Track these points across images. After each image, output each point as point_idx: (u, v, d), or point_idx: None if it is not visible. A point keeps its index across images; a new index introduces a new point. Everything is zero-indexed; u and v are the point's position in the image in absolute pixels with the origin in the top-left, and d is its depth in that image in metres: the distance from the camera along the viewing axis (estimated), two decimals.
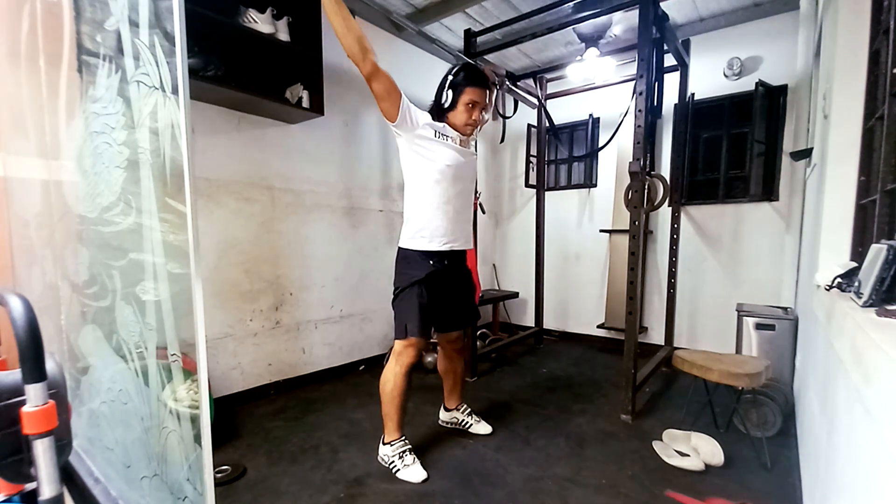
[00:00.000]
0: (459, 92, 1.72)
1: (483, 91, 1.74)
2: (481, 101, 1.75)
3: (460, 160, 1.77)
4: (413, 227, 1.78)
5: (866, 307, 0.94)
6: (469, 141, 1.85)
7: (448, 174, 1.74)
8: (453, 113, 1.74)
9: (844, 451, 0.92)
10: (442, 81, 1.77)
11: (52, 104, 1.27)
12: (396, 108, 1.62)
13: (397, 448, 1.77)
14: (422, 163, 1.73)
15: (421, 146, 1.72)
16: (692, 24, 3.22)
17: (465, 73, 1.75)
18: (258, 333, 2.54)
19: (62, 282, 1.34)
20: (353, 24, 1.49)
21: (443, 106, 1.74)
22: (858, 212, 1.53)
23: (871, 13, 1.48)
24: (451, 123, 1.77)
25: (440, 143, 1.73)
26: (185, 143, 0.72)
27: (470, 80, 1.74)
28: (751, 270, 3.15)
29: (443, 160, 1.72)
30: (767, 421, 2.04)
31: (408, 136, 1.70)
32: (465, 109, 1.73)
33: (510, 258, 4.45)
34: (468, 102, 1.72)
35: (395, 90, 1.61)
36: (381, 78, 1.56)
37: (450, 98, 1.72)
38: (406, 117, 1.65)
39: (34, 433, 0.65)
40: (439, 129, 1.74)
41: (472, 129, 1.78)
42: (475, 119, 1.75)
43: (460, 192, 1.80)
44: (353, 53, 1.51)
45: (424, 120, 1.72)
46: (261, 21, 2.20)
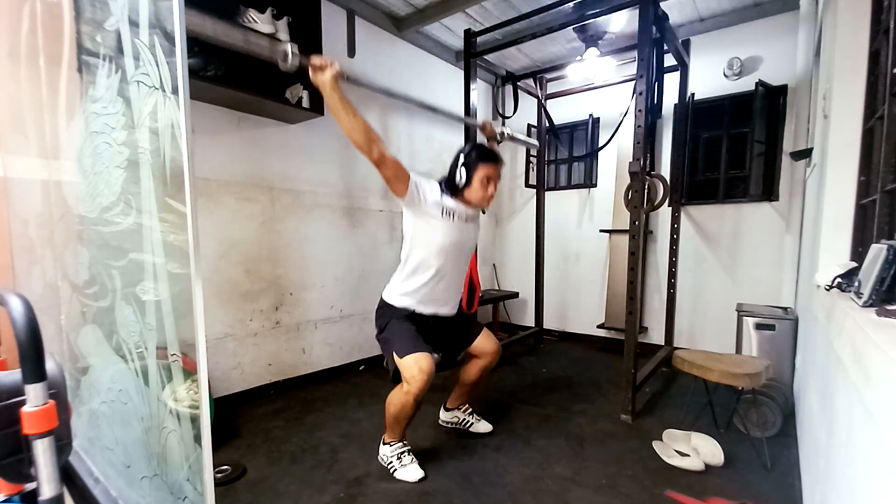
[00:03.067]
0: (473, 169, 1.76)
1: (495, 166, 1.79)
2: (495, 176, 1.79)
3: (462, 236, 1.82)
4: (403, 287, 1.81)
5: (866, 307, 0.94)
6: (476, 214, 1.89)
7: (447, 251, 1.78)
8: (469, 190, 1.77)
9: (844, 451, 0.92)
10: (454, 161, 1.81)
11: (52, 104, 1.27)
12: (405, 188, 1.67)
13: (396, 449, 1.77)
14: (424, 237, 1.77)
15: (426, 222, 1.76)
16: (692, 24, 3.22)
17: (476, 152, 1.79)
18: (258, 333, 2.54)
19: (62, 282, 1.34)
20: (360, 119, 1.53)
21: (458, 186, 1.78)
22: (858, 212, 1.53)
23: (871, 13, 1.48)
24: (467, 199, 1.80)
25: (445, 222, 1.77)
26: (185, 143, 0.72)
27: (482, 157, 1.78)
28: (751, 270, 3.15)
29: (445, 238, 1.76)
30: (767, 421, 2.04)
31: (415, 210, 1.75)
32: (480, 186, 1.77)
33: (510, 258, 4.45)
34: (483, 178, 1.76)
35: (403, 173, 1.66)
36: (388, 164, 1.61)
37: (464, 176, 1.76)
38: (414, 196, 1.70)
39: (34, 433, 0.65)
40: (448, 207, 1.77)
41: (488, 203, 1.83)
42: (492, 193, 1.80)
43: (457, 263, 1.86)
44: (360, 146, 1.55)
45: (433, 197, 1.76)
46: (261, 21, 2.20)
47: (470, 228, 1.86)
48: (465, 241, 1.85)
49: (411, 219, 1.77)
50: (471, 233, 1.87)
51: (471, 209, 1.84)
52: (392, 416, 1.73)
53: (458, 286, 1.92)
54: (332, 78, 1.45)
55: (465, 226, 1.83)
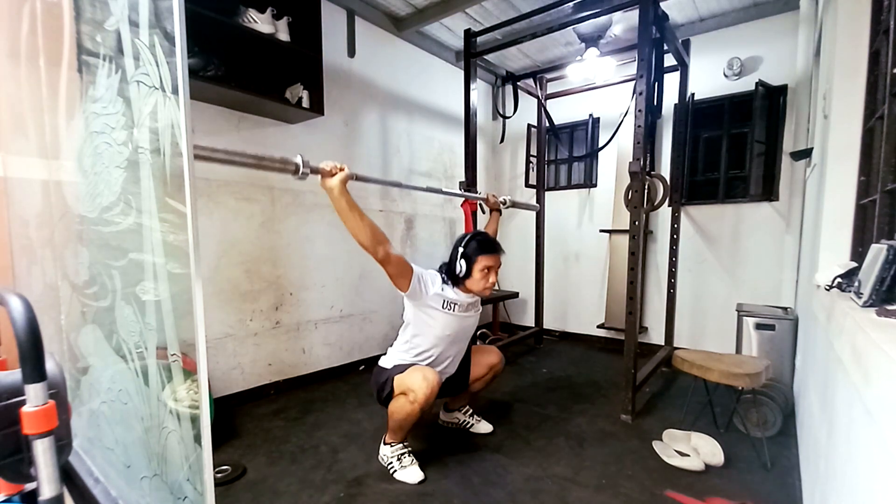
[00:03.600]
0: (472, 261, 1.78)
1: (495, 257, 1.81)
2: (495, 265, 1.81)
3: (462, 326, 1.86)
4: (403, 358, 1.82)
5: (866, 307, 0.94)
6: (476, 302, 1.92)
7: (447, 340, 1.83)
8: (470, 281, 1.80)
9: (844, 451, 0.92)
10: (454, 251, 1.83)
11: (52, 104, 1.27)
12: (408, 283, 1.71)
13: (396, 449, 1.77)
14: (424, 327, 1.81)
15: (426, 314, 1.79)
16: (692, 24, 3.22)
17: (475, 243, 1.80)
18: (258, 333, 2.54)
19: (62, 282, 1.34)
20: (367, 220, 1.55)
21: (458, 276, 1.80)
22: (858, 212, 1.53)
23: (871, 13, 1.48)
24: (467, 289, 1.83)
25: (446, 314, 1.80)
26: (185, 143, 0.72)
27: (481, 249, 1.79)
28: (751, 270, 3.15)
29: (445, 329, 1.80)
30: (767, 421, 2.04)
31: (417, 303, 1.79)
32: (481, 276, 1.79)
33: (510, 258, 4.44)
34: (483, 269, 1.78)
35: (407, 269, 1.70)
36: (393, 263, 1.64)
37: (464, 268, 1.78)
38: (417, 290, 1.74)
39: (34, 433, 0.65)
40: (449, 299, 1.81)
41: (489, 292, 1.85)
42: (492, 283, 1.82)
43: (457, 348, 1.91)
44: (366, 247, 1.58)
45: (434, 290, 1.79)
46: (261, 21, 2.20)
47: (470, 316, 1.90)
48: (466, 329, 1.90)
49: (412, 309, 1.81)
50: (471, 320, 1.92)
51: (471, 297, 1.86)
52: (396, 423, 1.73)
53: (461, 357, 1.97)
54: (340, 182, 1.48)
55: (466, 315, 1.87)
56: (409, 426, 1.74)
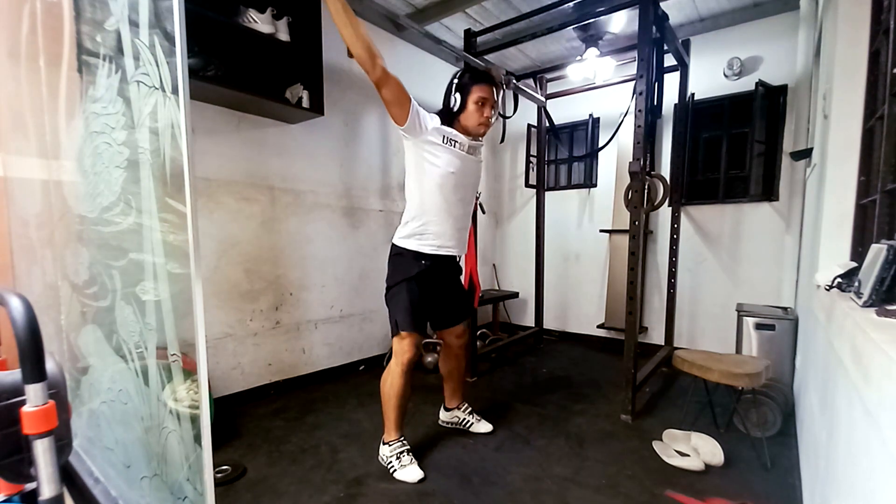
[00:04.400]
0: (467, 92, 1.73)
1: (490, 87, 1.75)
2: (490, 98, 1.75)
3: (465, 167, 1.78)
4: (410, 227, 1.79)
5: (866, 307, 0.94)
6: (478, 147, 1.85)
7: (451, 181, 1.74)
8: (465, 115, 1.74)
9: (844, 451, 0.92)
10: (448, 86, 1.78)
11: (52, 104, 1.27)
12: (406, 112, 1.62)
13: (395, 449, 1.77)
14: (426, 167, 1.73)
15: (427, 151, 1.72)
16: (692, 24, 3.22)
17: (469, 73, 1.77)
18: (258, 333, 2.54)
19: (62, 282, 1.34)
20: (363, 32, 1.47)
21: (452, 110, 1.74)
22: (858, 212, 1.53)
23: (871, 13, 1.48)
24: (463, 126, 1.76)
25: (447, 150, 1.73)
26: (185, 143, 0.72)
27: (475, 78, 1.75)
28: (751, 270, 3.15)
29: (447, 166, 1.73)
30: (767, 421, 2.04)
31: (416, 140, 1.70)
32: (475, 108, 1.74)
33: (510, 258, 4.45)
34: (477, 100, 1.73)
35: (405, 95, 1.61)
36: (390, 84, 1.56)
37: (458, 100, 1.73)
38: (415, 122, 1.65)
39: (34, 433, 0.65)
40: (448, 134, 1.73)
41: (485, 127, 1.78)
42: (487, 116, 1.75)
43: (461, 199, 1.81)
44: (362, 60, 1.50)
45: (433, 125, 1.71)
46: (261, 21, 2.20)
47: (472, 161, 1.82)
48: (469, 173, 1.81)
49: (412, 149, 1.73)
50: (473, 165, 1.83)
51: (471, 140, 1.79)
52: (385, 396, 1.75)
53: (465, 225, 1.88)
54: None
55: (467, 157, 1.78)
56: (396, 402, 1.74)
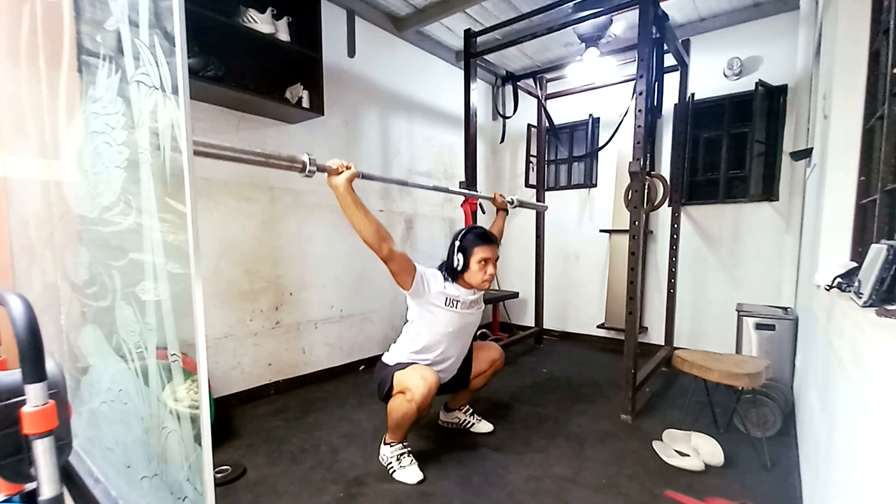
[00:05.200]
0: (469, 253, 1.78)
1: (492, 248, 1.81)
2: (492, 257, 1.81)
3: (465, 323, 1.87)
4: (405, 353, 1.83)
5: (866, 307, 0.94)
6: (478, 298, 1.92)
7: (450, 336, 1.83)
8: (468, 273, 1.80)
9: (844, 451, 0.92)
10: (451, 246, 1.84)
11: (52, 104, 1.27)
12: (411, 280, 1.72)
13: (396, 449, 1.77)
14: (427, 324, 1.81)
15: (429, 311, 1.80)
16: (692, 24, 3.22)
17: (471, 235, 1.82)
18: (258, 333, 2.54)
19: (62, 282, 1.34)
20: (371, 218, 1.57)
21: (456, 270, 1.80)
22: (858, 212, 1.53)
23: (871, 13, 1.48)
24: (466, 283, 1.83)
25: (449, 312, 1.80)
26: (185, 143, 0.72)
27: (477, 240, 1.80)
28: (751, 270, 3.15)
29: (448, 325, 1.81)
30: (767, 421, 2.04)
31: (419, 301, 1.79)
32: (479, 268, 1.79)
33: (510, 258, 4.45)
34: (480, 261, 1.79)
35: (410, 266, 1.71)
36: (396, 259, 1.66)
37: (461, 261, 1.79)
38: (419, 288, 1.75)
39: (34, 433, 0.65)
40: (451, 296, 1.81)
41: (488, 284, 1.85)
42: (490, 274, 1.81)
43: (460, 345, 1.91)
44: (371, 245, 1.60)
45: (437, 288, 1.80)
46: (261, 21, 2.20)
47: (472, 313, 1.90)
48: (469, 325, 1.91)
49: (416, 307, 1.81)
50: (473, 317, 1.92)
51: (472, 293, 1.86)
52: (394, 422, 1.73)
53: (463, 355, 1.97)
54: (346, 180, 1.50)
55: (468, 311, 1.87)
56: (407, 425, 1.74)
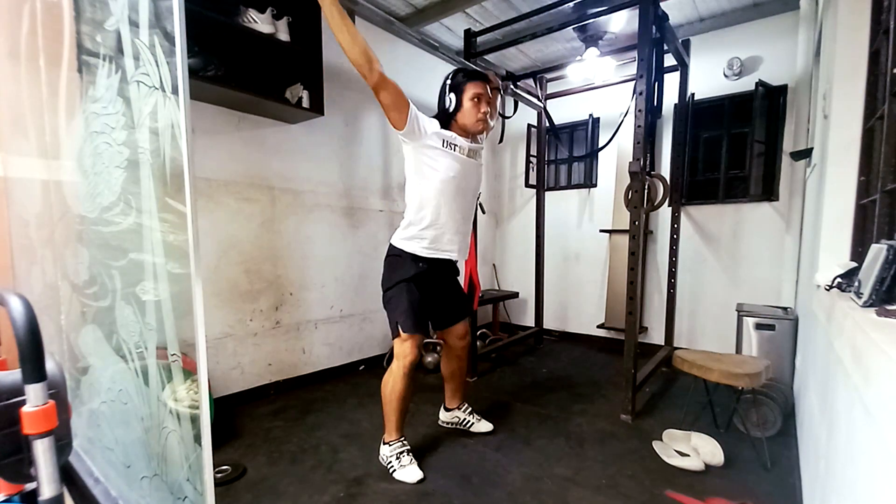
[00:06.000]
0: (461, 90, 1.73)
1: (483, 84, 1.74)
2: (485, 94, 1.74)
3: (465, 171, 1.77)
4: (409, 231, 1.78)
5: (866, 307, 0.94)
6: (479, 150, 1.84)
7: (451, 185, 1.73)
8: (461, 113, 1.73)
9: (844, 451, 0.92)
10: (442, 88, 1.78)
11: (52, 104, 1.27)
12: (405, 117, 1.61)
13: (395, 449, 1.77)
14: (426, 172, 1.72)
15: (427, 155, 1.70)
16: (692, 24, 3.22)
17: (462, 73, 1.77)
18: (258, 333, 2.54)
19: (62, 282, 1.34)
20: (359, 37, 1.47)
21: (448, 111, 1.73)
22: (858, 212, 1.53)
23: (871, 13, 1.48)
24: (461, 126, 1.75)
25: (447, 153, 1.71)
26: (185, 143, 0.72)
27: (469, 76, 1.75)
28: (751, 270, 3.15)
29: (448, 171, 1.71)
30: (767, 421, 2.04)
31: (415, 144, 1.69)
32: (472, 105, 1.72)
33: (510, 258, 4.45)
34: (472, 97, 1.72)
35: (403, 99, 1.60)
36: (388, 88, 1.55)
37: (453, 100, 1.72)
38: (414, 126, 1.64)
39: (34, 433, 0.65)
40: (448, 138, 1.72)
41: (483, 123, 1.76)
42: (484, 112, 1.73)
43: (462, 202, 1.80)
44: (359, 65, 1.49)
45: (433, 129, 1.70)
46: (261, 21, 2.20)
47: (472, 164, 1.80)
48: (469, 177, 1.79)
49: (412, 154, 1.72)
50: (474, 168, 1.81)
51: (471, 142, 1.78)
52: (386, 398, 1.74)
53: (467, 230, 1.87)
54: None
55: (468, 160, 1.77)
56: (397, 405, 1.73)
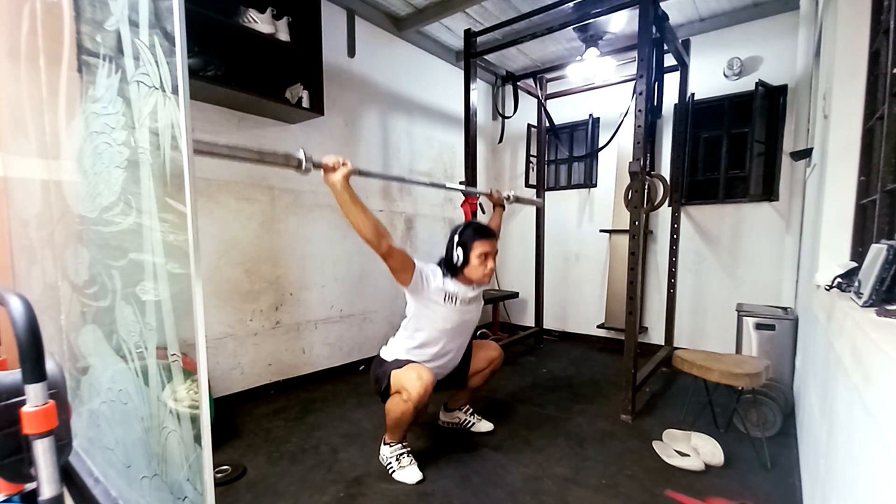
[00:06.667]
0: (469, 248, 1.78)
1: (491, 242, 1.81)
2: (492, 251, 1.81)
3: (464, 319, 1.86)
4: (407, 355, 1.81)
5: (866, 307, 0.94)
6: (478, 294, 1.91)
7: (449, 333, 1.83)
8: (469, 269, 1.79)
9: (844, 451, 0.92)
10: (449, 242, 1.83)
11: (52, 104, 1.26)
12: (410, 277, 1.71)
13: (395, 449, 1.77)
14: (426, 320, 1.80)
15: (429, 308, 1.79)
16: (692, 24, 3.22)
17: (470, 230, 1.81)
18: (258, 333, 2.54)
19: (62, 282, 1.34)
20: (370, 215, 1.54)
21: (456, 266, 1.79)
22: (858, 212, 1.53)
23: (871, 13, 1.48)
24: (466, 278, 1.82)
25: (447, 308, 1.79)
26: (185, 143, 0.72)
27: (476, 235, 1.80)
28: (751, 270, 3.15)
29: (447, 322, 1.80)
30: (767, 421, 2.04)
31: (418, 297, 1.78)
32: (479, 263, 1.78)
33: (510, 258, 4.45)
34: (480, 255, 1.78)
35: (409, 263, 1.70)
36: (395, 256, 1.64)
37: (461, 256, 1.78)
38: (418, 284, 1.74)
39: (34, 433, 0.65)
40: (450, 292, 1.80)
41: (489, 279, 1.84)
42: (491, 269, 1.81)
43: (459, 340, 1.90)
44: (370, 241, 1.57)
45: (436, 283, 1.78)
46: (261, 21, 2.20)
47: (472, 309, 1.90)
48: (468, 322, 1.90)
49: (414, 303, 1.81)
50: (473, 313, 1.91)
51: (472, 290, 1.86)
52: (392, 421, 1.73)
53: (462, 351, 1.97)
54: (343, 177, 1.48)
55: (468, 308, 1.86)
56: (405, 425, 1.73)
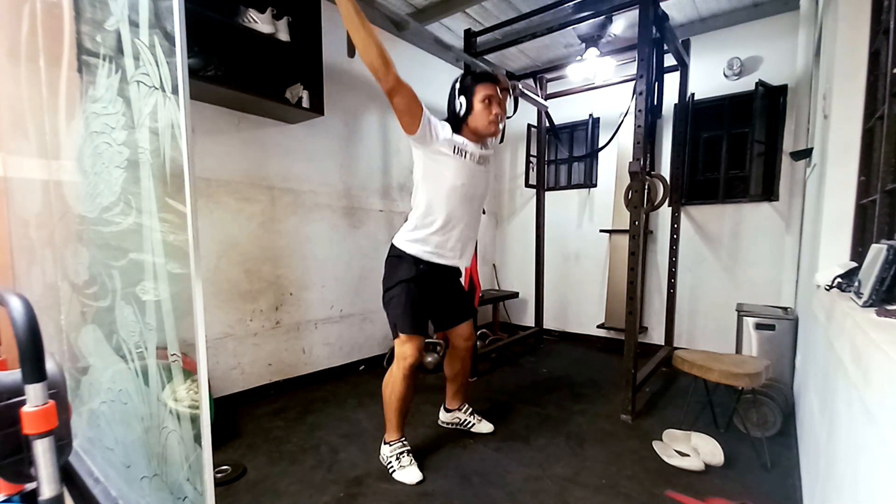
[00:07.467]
0: (471, 93, 1.70)
1: (493, 85, 1.72)
2: (496, 95, 1.71)
3: (474, 179, 1.75)
4: (414, 234, 1.76)
5: (866, 307, 0.94)
6: (488, 156, 1.82)
7: (459, 192, 1.72)
8: (472, 117, 1.70)
9: (844, 451, 0.92)
10: (451, 93, 1.74)
11: (52, 104, 1.27)
12: (417, 121, 1.58)
13: (395, 449, 1.77)
14: (435, 177, 1.70)
15: (437, 161, 1.68)
16: (692, 24, 3.22)
17: (470, 76, 1.75)
18: (258, 333, 2.54)
19: (62, 282, 1.34)
20: (375, 37, 1.41)
21: (459, 115, 1.71)
22: (858, 212, 1.53)
23: (871, 13, 1.48)
24: (472, 130, 1.72)
25: (457, 160, 1.69)
26: (185, 143, 0.72)
27: (478, 78, 1.73)
28: (751, 270, 3.15)
29: (457, 178, 1.69)
30: (767, 421, 2.04)
31: (425, 149, 1.67)
32: (483, 108, 1.69)
33: (510, 258, 4.45)
34: (483, 99, 1.68)
35: (417, 103, 1.56)
36: (403, 92, 1.52)
37: (464, 104, 1.69)
38: (426, 131, 1.61)
39: (34, 433, 0.65)
40: (459, 144, 1.69)
41: (495, 126, 1.72)
42: (496, 113, 1.70)
43: (468, 210, 1.78)
44: (375, 67, 1.45)
45: (445, 134, 1.67)
46: (261, 21, 2.20)
47: (481, 171, 1.78)
48: (477, 185, 1.77)
49: (421, 158, 1.69)
50: (482, 176, 1.79)
51: (482, 148, 1.76)
52: (387, 400, 1.73)
53: (471, 237, 1.85)
54: None
55: (477, 167, 1.75)
56: (397, 406, 1.73)
